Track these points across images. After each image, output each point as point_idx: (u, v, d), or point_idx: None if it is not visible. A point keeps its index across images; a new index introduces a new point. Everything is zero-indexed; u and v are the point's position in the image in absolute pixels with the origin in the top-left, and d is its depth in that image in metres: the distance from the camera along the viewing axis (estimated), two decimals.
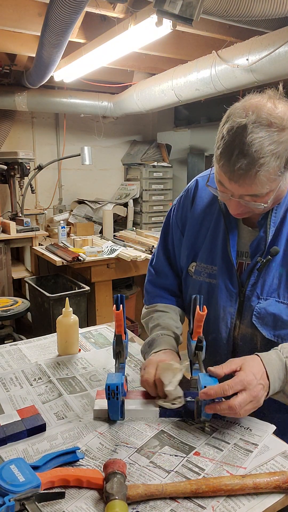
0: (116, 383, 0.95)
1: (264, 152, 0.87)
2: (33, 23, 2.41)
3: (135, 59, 3.11)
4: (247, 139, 0.87)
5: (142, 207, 4.09)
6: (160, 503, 0.76)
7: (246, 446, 0.91)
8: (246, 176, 0.89)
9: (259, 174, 0.89)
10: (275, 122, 0.88)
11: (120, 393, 0.95)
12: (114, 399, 0.95)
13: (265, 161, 0.88)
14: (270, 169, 0.89)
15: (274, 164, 0.89)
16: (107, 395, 0.95)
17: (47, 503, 0.76)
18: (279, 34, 2.16)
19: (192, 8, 1.60)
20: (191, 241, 1.20)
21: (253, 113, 0.89)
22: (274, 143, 0.88)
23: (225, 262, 1.11)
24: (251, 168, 0.88)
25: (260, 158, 0.87)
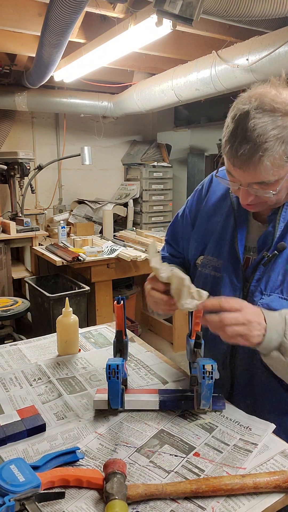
0: (116, 362, 0.96)
1: (268, 136, 0.87)
2: (33, 23, 2.41)
3: (135, 59, 3.11)
4: (249, 125, 0.87)
5: (142, 207, 4.09)
6: (160, 504, 0.76)
7: (245, 446, 0.91)
8: (250, 161, 0.89)
9: (263, 159, 0.88)
10: (278, 107, 0.88)
11: (120, 372, 0.96)
12: (114, 378, 0.96)
13: (269, 145, 0.87)
14: (275, 154, 0.87)
15: (279, 149, 0.87)
16: (108, 374, 0.95)
17: (47, 503, 0.76)
18: (279, 34, 2.16)
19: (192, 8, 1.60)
20: (201, 234, 1.20)
21: (256, 100, 0.89)
22: (278, 128, 0.87)
23: (232, 256, 1.10)
24: (254, 153, 0.88)
25: (264, 142, 0.87)
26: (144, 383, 1.17)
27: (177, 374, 1.22)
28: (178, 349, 3.73)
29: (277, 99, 0.89)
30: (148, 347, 1.41)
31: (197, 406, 1.00)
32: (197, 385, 1.00)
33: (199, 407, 0.99)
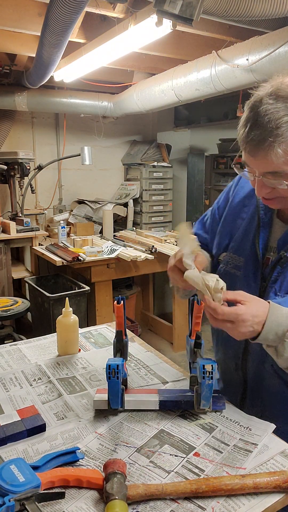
0: (116, 362, 0.96)
1: (279, 122, 0.85)
2: (33, 23, 2.41)
3: (135, 59, 3.11)
4: (261, 110, 0.86)
5: (142, 207, 4.09)
6: (160, 504, 0.76)
7: (245, 446, 0.91)
8: (260, 147, 0.87)
9: (274, 145, 0.85)
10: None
11: (120, 372, 0.96)
12: (114, 378, 0.96)
13: (281, 132, 0.85)
14: (287, 141, 0.85)
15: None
16: (108, 374, 0.95)
17: (47, 503, 0.76)
18: (279, 34, 2.16)
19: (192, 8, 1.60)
20: (226, 231, 1.19)
21: (271, 87, 0.88)
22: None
23: (252, 255, 1.09)
24: (264, 139, 0.86)
25: (275, 128, 0.85)
26: (144, 383, 1.17)
27: (177, 374, 1.22)
28: (178, 349, 3.73)
29: None
30: (148, 347, 1.41)
31: (197, 406, 1.00)
32: (197, 385, 1.00)
33: (199, 407, 0.99)
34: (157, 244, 3.47)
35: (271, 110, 0.86)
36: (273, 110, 0.85)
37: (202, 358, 1.00)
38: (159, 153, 4.25)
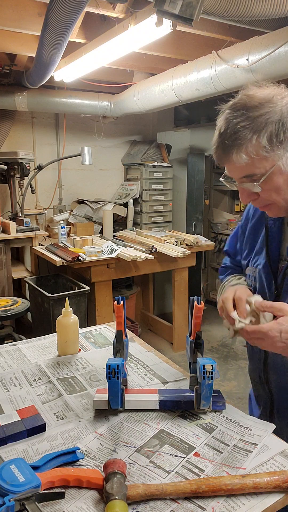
0: (116, 362, 0.96)
1: (237, 128, 0.89)
2: (33, 23, 2.41)
3: (135, 59, 3.11)
4: (220, 120, 0.93)
5: (142, 207, 4.09)
6: (160, 504, 0.76)
7: (245, 446, 0.91)
8: (225, 155, 0.92)
9: (237, 151, 0.90)
10: (250, 101, 0.90)
11: (120, 372, 0.96)
12: (114, 378, 0.96)
13: (239, 136, 0.89)
14: (248, 145, 0.89)
15: (253, 139, 0.88)
16: (108, 374, 0.95)
17: (47, 503, 0.76)
18: (279, 34, 2.16)
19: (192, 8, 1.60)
20: (248, 245, 1.19)
21: (234, 98, 0.94)
22: (247, 119, 0.89)
23: (265, 265, 1.10)
24: (226, 145, 0.91)
25: (233, 134, 0.90)
26: (144, 383, 1.17)
27: (177, 374, 1.22)
28: (178, 349, 3.73)
29: (254, 95, 0.91)
30: (148, 347, 1.41)
31: (197, 406, 1.00)
32: (197, 385, 1.00)
33: (199, 407, 0.99)
34: (157, 244, 3.47)
35: (229, 118, 0.91)
36: (231, 118, 0.91)
37: (202, 358, 1.00)
38: (159, 153, 4.25)
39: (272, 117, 0.89)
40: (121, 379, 0.98)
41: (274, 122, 0.89)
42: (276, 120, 0.89)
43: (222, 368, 3.43)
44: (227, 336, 1.08)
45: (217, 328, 4.17)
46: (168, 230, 4.20)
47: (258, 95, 0.91)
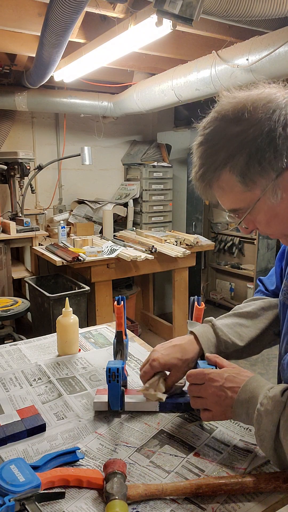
0: (116, 365, 0.96)
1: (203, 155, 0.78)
2: (33, 23, 2.41)
3: (135, 59, 3.11)
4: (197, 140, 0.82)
5: (142, 207, 4.09)
6: (160, 503, 0.76)
7: (246, 447, 0.91)
8: (197, 185, 0.82)
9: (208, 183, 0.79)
10: (220, 112, 0.79)
11: (120, 376, 0.96)
12: (114, 382, 0.96)
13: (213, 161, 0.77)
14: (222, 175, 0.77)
15: (225, 167, 0.76)
16: (108, 377, 0.95)
17: (47, 503, 0.76)
18: (279, 34, 2.16)
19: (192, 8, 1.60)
20: None
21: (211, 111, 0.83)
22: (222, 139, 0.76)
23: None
24: (198, 176, 0.80)
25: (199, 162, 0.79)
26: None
27: None
28: None
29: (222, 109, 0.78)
30: (148, 347, 1.41)
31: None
32: None
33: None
34: (157, 244, 3.47)
35: (196, 144, 0.82)
36: (197, 144, 0.81)
37: (202, 361, 0.99)
38: (159, 153, 4.25)
39: (247, 137, 0.73)
40: (122, 382, 0.98)
41: (248, 144, 0.73)
42: (252, 140, 0.73)
43: None
44: None
45: None
46: (168, 230, 4.20)
47: (229, 104, 0.78)
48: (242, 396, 0.83)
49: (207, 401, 0.87)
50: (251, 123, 0.74)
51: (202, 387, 0.88)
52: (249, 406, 0.82)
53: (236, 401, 0.83)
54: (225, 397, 0.85)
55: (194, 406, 0.91)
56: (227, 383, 0.85)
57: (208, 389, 0.87)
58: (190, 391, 0.91)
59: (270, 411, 0.77)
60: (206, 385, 0.87)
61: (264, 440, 0.78)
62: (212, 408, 0.87)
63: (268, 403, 0.78)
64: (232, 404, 0.84)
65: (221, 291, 4.96)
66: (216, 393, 0.86)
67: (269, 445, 0.78)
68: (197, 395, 0.89)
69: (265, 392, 0.80)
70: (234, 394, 0.84)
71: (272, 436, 0.77)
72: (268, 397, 0.79)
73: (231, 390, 0.84)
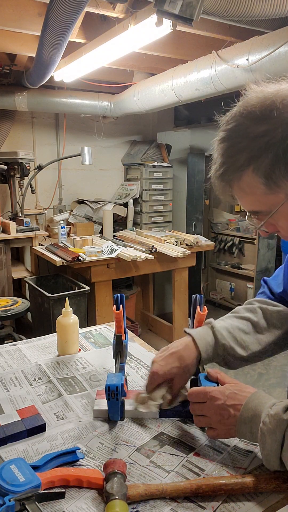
0: (116, 383, 0.95)
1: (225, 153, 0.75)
2: (33, 23, 2.41)
3: (135, 59, 3.11)
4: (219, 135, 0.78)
5: (142, 207, 4.09)
6: (160, 503, 0.76)
7: (246, 447, 0.91)
8: (216, 183, 0.79)
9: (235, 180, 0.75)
10: (247, 107, 0.73)
11: (120, 394, 0.95)
12: (114, 399, 0.95)
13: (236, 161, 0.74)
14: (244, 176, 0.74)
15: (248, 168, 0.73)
16: (107, 395, 0.95)
17: (47, 503, 0.76)
18: (279, 34, 2.16)
19: (192, 8, 1.60)
20: None
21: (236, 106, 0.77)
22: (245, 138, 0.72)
23: None
24: (218, 175, 0.77)
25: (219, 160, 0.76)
26: (144, 383, 1.17)
27: None
28: None
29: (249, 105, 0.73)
30: (148, 347, 1.41)
31: None
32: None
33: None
34: (157, 244, 3.47)
35: (215, 141, 0.78)
36: (215, 140, 0.77)
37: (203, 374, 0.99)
38: (159, 153, 4.25)
39: (274, 138, 0.69)
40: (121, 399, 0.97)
41: (275, 145, 0.69)
42: (279, 140, 0.68)
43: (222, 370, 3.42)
44: None
45: None
46: (168, 230, 4.20)
47: (257, 99, 0.72)
48: (245, 414, 0.82)
49: (211, 420, 0.87)
50: (279, 123, 0.69)
51: (205, 405, 0.87)
52: (252, 426, 0.81)
53: (239, 420, 0.82)
54: (228, 416, 0.84)
55: (198, 425, 0.91)
56: (229, 400, 0.84)
57: (211, 408, 0.86)
58: (192, 410, 0.90)
59: (273, 430, 0.76)
60: (209, 404, 0.86)
61: (270, 460, 0.78)
62: (216, 426, 0.86)
63: (270, 421, 0.77)
64: (235, 423, 0.83)
65: (221, 291, 4.96)
66: (218, 412, 0.84)
67: (276, 463, 0.78)
68: (200, 414, 0.88)
69: (267, 411, 0.79)
70: (237, 412, 0.83)
71: (278, 455, 0.76)
72: (270, 416, 0.78)
73: (234, 408, 0.83)
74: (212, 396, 0.86)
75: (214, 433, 0.87)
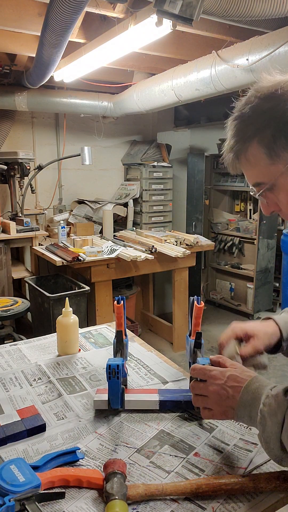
0: (116, 362, 0.96)
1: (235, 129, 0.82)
2: (33, 23, 2.40)
3: (135, 59, 3.11)
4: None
5: (142, 207, 4.09)
6: (160, 504, 0.76)
7: (245, 446, 0.91)
8: (226, 157, 0.84)
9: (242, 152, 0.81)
10: (258, 90, 0.80)
11: (120, 372, 0.96)
12: (114, 378, 0.96)
13: (244, 134, 0.80)
14: (249, 147, 0.80)
15: (253, 139, 0.79)
16: (108, 374, 0.96)
17: (47, 503, 0.76)
18: (279, 34, 2.16)
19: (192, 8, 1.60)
20: None
21: None
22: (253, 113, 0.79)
23: None
24: (228, 148, 0.84)
25: (229, 134, 0.82)
26: (144, 383, 1.17)
27: (177, 374, 1.22)
28: (178, 349, 3.73)
29: (263, 83, 0.81)
30: (148, 347, 1.41)
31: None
32: None
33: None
34: (157, 244, 3.47)
35: (229, 121, 0.84)
36: (230, 121, 0.84)
37: (202, 358, 1.00)
38: (159, 153, 4.25)
39: (277, 112, 0.77)
40: (121, 379, 0.98)
41: (277, 118, 0.76)
42: (281, 114, 0.76)
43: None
44: None
45: (217, 328, 4.17)
46: (168, 230, 4.20)
47: (268, 84, 0.80)
48: (245, 397, 0.81)
49: (208, 400, 0.86)
50: (282, 99, 0.77)
51: (204, 384, 0.87)
52: (252, 409, 0.80)
53: (238, 403, 0.82)
54: (226, 397, 0.83)
55: (195, 404, 0.91)
56: (229, 381, 0.84)
57: (210, 387, 0.86)
58: (192, 388, 0.90)
59: (273, 411, 0.76)
60: (208, 382, 0.86)
61: (269, 442, 0.77)
62: (213, 407, 0.86)
63: (271, 402, 0.77)
64: (234, 405, 0.83)
65: (221, 291, 4.95)
66: (217, 392, 0.84)
67: (276, 446, 0.76)
68: (199, 393, 0.88)
69: (267, 392, 0.79)
70: (236, 394, 0.82)
71: (278, 437, 0.75)
72: (271, 396, 0.77)
73: (233, 389, 0.83)
74: (213, 375, 0.86)
75: (210, 413, 0.87)
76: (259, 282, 4.31)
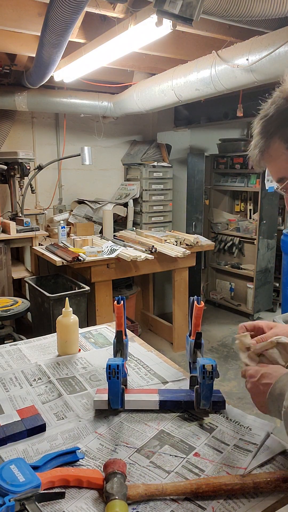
0: (116, 362, 0.96)
1: (260, 127, 0.84)
2: (33, 23, 2.40)
3: (135, 59, 3.11)
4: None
5: (142, 207, 4.09)
6: (160, 504, 0.76)
7: (246, 446, 0.91)
8: (252, 155, 0.87)
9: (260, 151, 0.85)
10: (282, 91, 0.83)
11: (120, 372, 0.96)
12: (114, 378, 0.96)
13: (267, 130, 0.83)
14: (271, 142, 0.83)
15: (275, 135, 0.82)
16: (108, 374, 0.96)
17: (47, 503, 0.76)
18: (279, 34, 2.16)
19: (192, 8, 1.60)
20: None
21: None
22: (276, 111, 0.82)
23: None
24: (253, 145, 0.87)
25: (255, 132, 0.86)
26: (144, 383, 1.17)
27: (177, 374, 1.22)
28: (178, 349, 3.73)
29: (284, 89, 0.83)
30: (148, 347, 1.41)
31: (197, 406, 1.00)
32: (197, 385, 1.00)
33: (199, 407, 0.99)
34: (157, 244, 3.47)
35: (256, 120, 0.86)
36: (257, 120, 0.86)
37: (202, 358, 1.00)
38: (159, 153, 4.25)
39: None
40: (121, 379, 0.98)
41: None
42: None
43: (222, 368, 3.42)
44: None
45: (217, 328, 4.17)
46: (168, 230, 4.20)
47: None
48: (273, 393, 0.86)
49: (250, 394, 0.92)
50: None
51: (246, 381, 0.94)
52: (280, 404, 0.84)
53: (269, 398, 0.87)
54: (259, 393, 0.89)
55: None
56: (262, 379, 0.89)
57: (247, 385, 0.93)
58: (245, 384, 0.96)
59: None
60: (247, 380, 0.93)
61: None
62: (253, 400, 0.92)
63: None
64: (265, 400, 0.88)
65: (221, 291, 4.95)
66: (252, 388, 0.91)
67: None
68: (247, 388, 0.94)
69: None
70: (267, 390, 0.88)
71: None
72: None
73: (265, 386, 0.88)
74: (249, 374, 0.93)
75: (254, 403, 0.92)
76: (259, 282, 4.31)
